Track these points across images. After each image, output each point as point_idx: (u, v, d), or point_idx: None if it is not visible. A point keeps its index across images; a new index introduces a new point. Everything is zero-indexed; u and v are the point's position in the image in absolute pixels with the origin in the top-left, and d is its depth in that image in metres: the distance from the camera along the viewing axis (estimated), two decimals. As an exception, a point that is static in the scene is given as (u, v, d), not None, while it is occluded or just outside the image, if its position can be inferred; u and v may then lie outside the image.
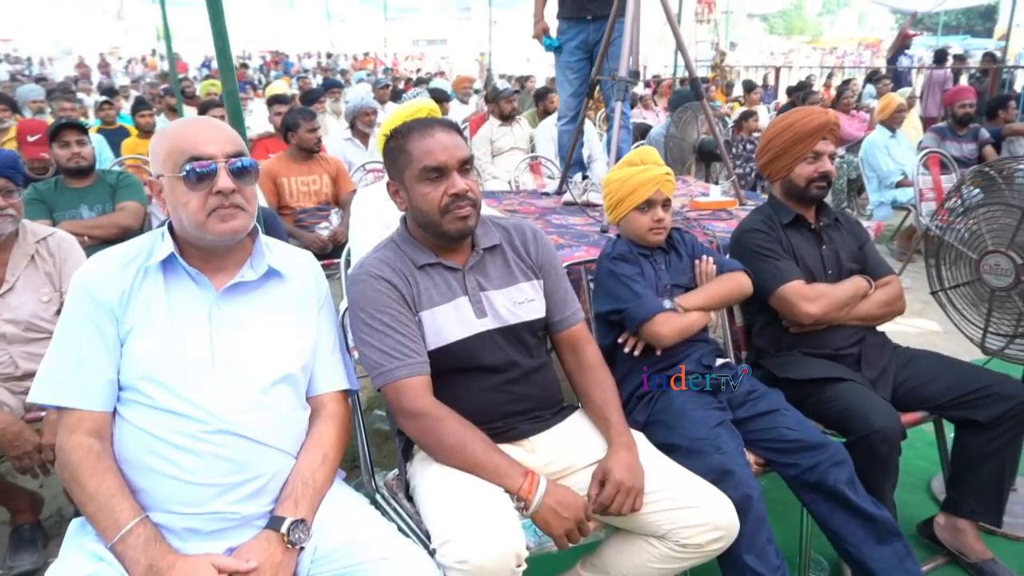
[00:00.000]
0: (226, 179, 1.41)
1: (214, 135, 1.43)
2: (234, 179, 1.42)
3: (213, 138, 1.42)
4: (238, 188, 1.43)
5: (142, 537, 1.29)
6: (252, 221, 1.49)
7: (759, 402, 1.98)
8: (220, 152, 1.41)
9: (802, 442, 1.84)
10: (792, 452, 1.84)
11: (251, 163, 1.47)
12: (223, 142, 1.43)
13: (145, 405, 1.39)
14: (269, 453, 1.43)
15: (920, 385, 2.18)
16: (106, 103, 6.83)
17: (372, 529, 1.42)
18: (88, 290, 1.41)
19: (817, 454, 1.81)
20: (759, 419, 1.93)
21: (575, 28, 3.91)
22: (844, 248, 2.33)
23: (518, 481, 1.47)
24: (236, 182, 1.42)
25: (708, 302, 2.04)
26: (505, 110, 5.85)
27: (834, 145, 2.29)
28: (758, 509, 1.65)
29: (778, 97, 11.15)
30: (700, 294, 2.06)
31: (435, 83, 9.55)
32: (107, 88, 9.35)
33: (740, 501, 1.61)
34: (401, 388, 1.56)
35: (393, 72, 19.20)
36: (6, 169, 2.14)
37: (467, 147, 1.65)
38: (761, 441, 1.90)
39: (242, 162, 1.44)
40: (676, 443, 1.77)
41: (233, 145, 1.44)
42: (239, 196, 1.43)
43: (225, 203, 1.41)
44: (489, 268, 1.73)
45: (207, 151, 1.40)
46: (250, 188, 1.47)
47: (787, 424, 1.89)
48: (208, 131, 1.44)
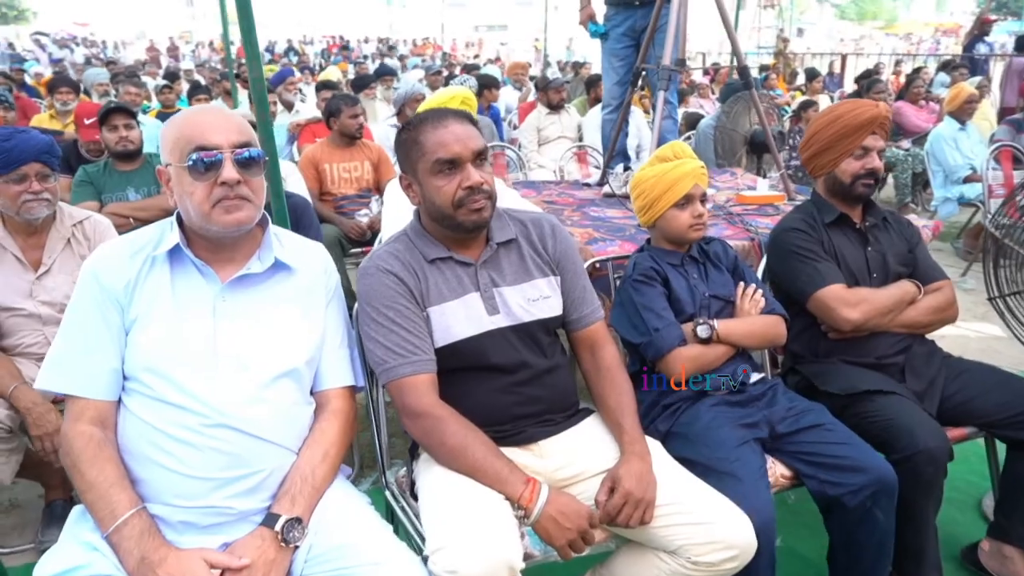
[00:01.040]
0: (231, 170, 1.38)
1: (221, 124, 1.41)
2: (240, 170, 1.40)
3: (220, 127, 1.40)
4: (244, 179, 1.40)
5: (137, 529, 1.29)
6: (258, 213, 1.46)
7: (802, 417, 1.85)
8: (226, 142, 1.39)
9: (850, 459, 1.70)
10: (837, 469, 1.71)
11: (258, 153, 1.44)
12: (230, 131, 1.40)
13: (147, 396, 1.39)
14: (268, 448, 1.41)
15: (970, 399, 2.03)
16: (166, 87, 7.01)
17: (368, 532, 1.39)
18: (96, 278, 1.42)
19: (864, 476, 1.68)
20: (802, 433, 1.81)
21: (622, 14, 3.80)
22: (892, 250, 2.18)
23: (519, 488, 1.42)
24: (242, 173, 1.40)
25: (745, 339, 1.94)
26: (553, 100, 5.77)
27: (884, 140, 2.14)
28: (767, 536, 1.56)
29: (844, 86, 10.70)
30: (742, 327, 1.94)
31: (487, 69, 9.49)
32: (170, 72, 9.59)
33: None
34: (404, 386, 1.52)
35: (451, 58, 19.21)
36: (42, 154, 2.17)
37: (482, 138, 1.59)
38: (802, 454, 1.78)
39: (249, 152, 1.41)
40: (694, 459, 1.68)
41: (240, 135, 1.41)
42: (245, 187, 1.41)
43: (230, 194, 1.39)
44: (503, 263, 1.67)
45: (213, 140, 1.38)
46: (257, 179, 1.44)
47: (834, 439, 1.77)
48: (216, 120, 1.42)
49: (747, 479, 1.62)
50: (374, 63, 14.39)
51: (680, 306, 1.93)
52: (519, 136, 5.99)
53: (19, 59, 17.75)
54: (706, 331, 1.87)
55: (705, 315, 1.94)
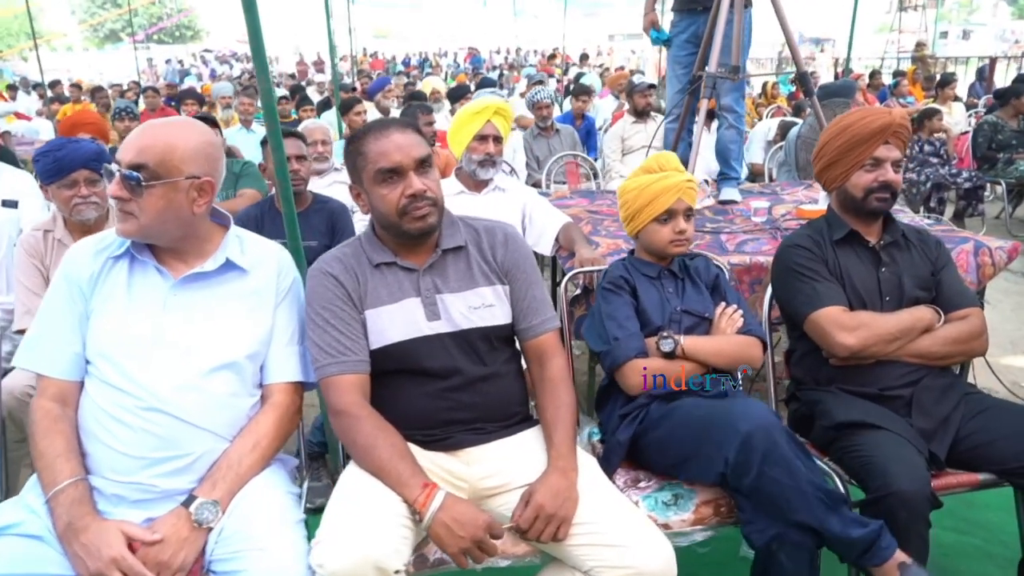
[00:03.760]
0: (113, 186, 1.50)
1: (130, 142, 1.51)
2: (125, 187, 1.49)
3: (127, 145, 1.51)
4: (129, 196, 1.49)
5: (71, 497, 1.42)
6: (144, 228, 1.53)
7: None
8: (123, 160, 1.50)
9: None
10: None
11: (134, 176, 1.49)
12: (128, 150, 1.50)
13: (98, 379, 1.53)
14: (198, 434, 1.51)
15: (989, 442, 1.81)
16: (283, 98, 7.53)
17: (267, 520, 1.45)
18: (66, 270, 1.59)
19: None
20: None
21: (686, 20, 3.70)
22: (910, 272, 1.99)
23: (415, 492, 1.43)
24: (126, 190, 1.49)
25: (713, 358, 1.85)
26: (639, 105, 5.66)
27: (900, 151, 1.96)
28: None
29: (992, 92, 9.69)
30: (709, 345, 1.86)
31: (586, 79, 9.43)
32: (294, 86, 10.29)
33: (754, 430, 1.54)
34: (330, 385, 1.57)
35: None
36: (90, 162, 2.43)
37: (425, 145, 1.62)
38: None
39: (130, 175, 1.49)
40: (669, 437, 1.69)
41: (136, 156, 1.49)
42: (131, 204, 1.50)
43: (118, 207, 1.52)
44: (449, 270, 1.69)
45: (118, 156, 1.50)
46: (142, 199, 1.50)
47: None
48: (131, 137, 1.52)
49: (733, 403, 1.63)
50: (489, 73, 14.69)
51: (647, 318, 1.87)
52: (603, 145, 5.94)
53: (185, 74, 19.72)
54: (669, 345, 1.80)
55: (675, 329, 1.86)
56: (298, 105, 6.62)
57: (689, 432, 1.65)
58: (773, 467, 1.50)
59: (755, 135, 5.96)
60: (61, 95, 10.88)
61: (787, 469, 1.50)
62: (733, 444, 1.53)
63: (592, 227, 3.16)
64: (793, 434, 1.60)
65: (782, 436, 1.54)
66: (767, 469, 1.51)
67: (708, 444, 1.59)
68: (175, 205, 1.52)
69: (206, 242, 1.62)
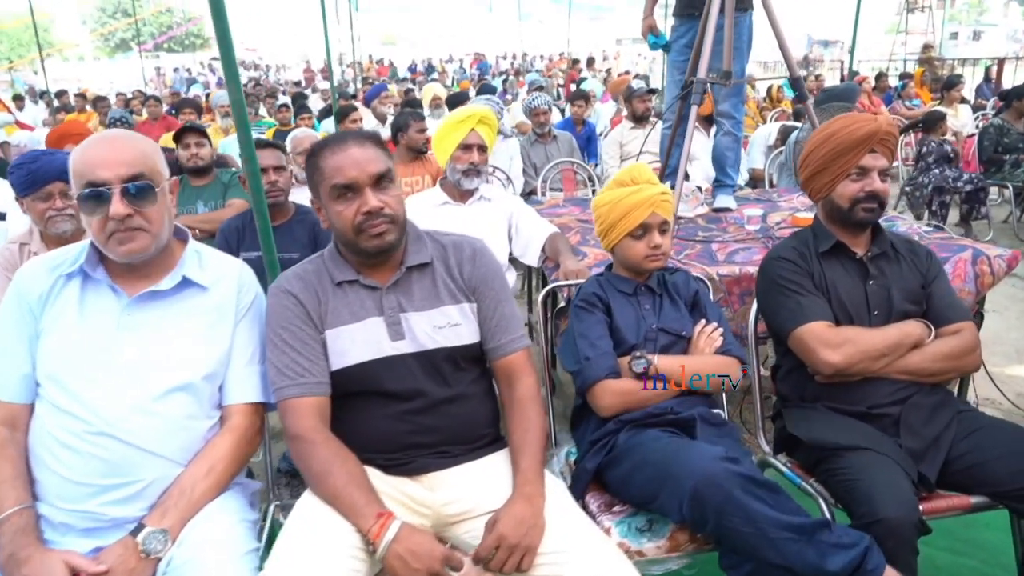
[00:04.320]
0: (118, 205, 1.43)
1: (110, 159, 1.44)
2: (130, 202, 1.44)
3: (108, 162, 1.44)
4: (135, 211, 1.45)
5: (15, 526, 1.37)
6: (154, 240, 1.50)
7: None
8: (115, 177, 1.43)
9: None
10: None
11: (146, 185, 1.46)
12: (118, 165, 1.44)
13: (47, 401, 1.48)
14: (150, 459, 1.46)
15: (981, 463, 1.73)
16: (283, 106, 7.51)
17: (216, 548, 1.39)
18: (16, 288, 1.53)
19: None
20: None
21: (685, 25, 3.64)
22: (899, 284, 1.91)
23: (369, 522, 1.36)
24: (132, 205, 1.44)
25: (686, 379, 1.77)
26: (637, 110, 5.60)
27: (887, 159, 1.89)
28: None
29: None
30: (682, 365, 1.79)
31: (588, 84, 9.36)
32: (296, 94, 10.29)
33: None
34: (287, 408, 1.52)
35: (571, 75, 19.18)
36: (64, 174, 2.35)
37: (384, 160, 1.56)
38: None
39: (137, 186, 1.45)
40: (633, 470, 1.61)
41: (129, 168, 1.45)
42: (137, 219, 1.45)
43: (121, 227, 1.45)
44: (414, 288, 1.63)
45: (101, 176, 1.43)
46: (151, 208, 1.48)
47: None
48: (105, 154, 1.45)
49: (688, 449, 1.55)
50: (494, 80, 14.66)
51: (621, 336, 1.80)
52: (601, 151, 5.88)
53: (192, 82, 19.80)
54: (641, 365, 1.73)
55: (650, 348, 1.79)
56: (296, 113, 6.59)
57: (647, 475, 1.58)
58: (730, 518, 1.42)
59: (756, 140, 5.88)
60: (67, 104, 10.94)
61: (745, 517, 1.42)
62: (684, 498, 1.46)
63: (581, 237, 3.10)
64: (751, 473, 1.49)
65: (734, 484, 1.44)
66: (724, 520, 1.43)
67: (664, 491, 1.52)
68: (169, 210, 1.53)
69: (167, 256, 1.57)
